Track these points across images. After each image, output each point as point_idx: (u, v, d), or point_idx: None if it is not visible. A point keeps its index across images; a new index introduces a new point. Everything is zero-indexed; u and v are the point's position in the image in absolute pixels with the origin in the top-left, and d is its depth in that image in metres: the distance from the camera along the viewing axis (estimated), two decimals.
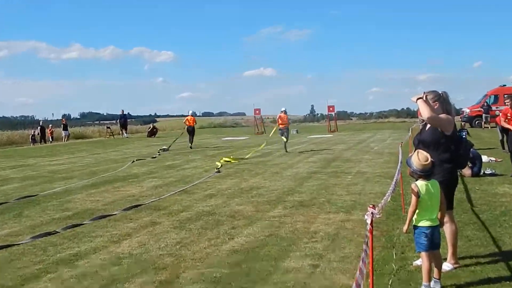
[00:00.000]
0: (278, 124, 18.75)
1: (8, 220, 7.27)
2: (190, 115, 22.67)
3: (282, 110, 18.83)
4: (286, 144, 18.23)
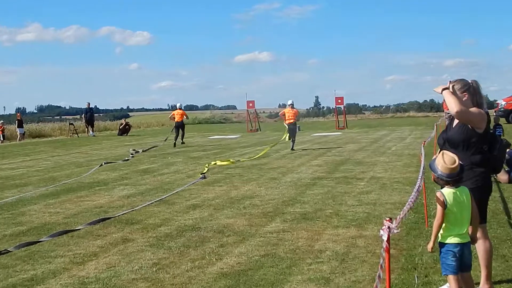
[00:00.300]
0: (284, 120, 19.52)
1: None
2: (178, 109, 24.19)
3: (289, 103, 19.67)
4: (292, 142, 19.12)
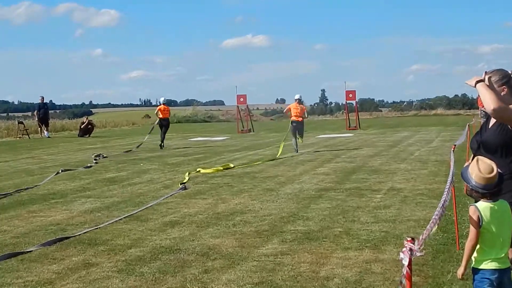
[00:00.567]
0: (289, 117, 20.37)
1: None
2: (162, 104, 24.67)
3: (296, 98, 20.44)
4: (298, 142, 19.86)
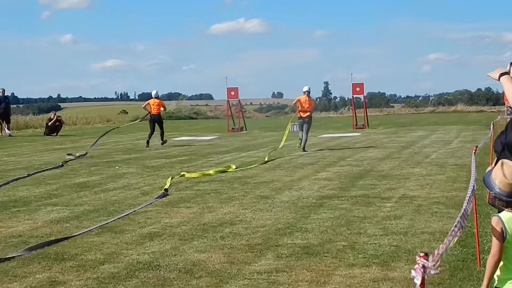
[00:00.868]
0: (297, 111, 20.83)
1: None
2: (153, 97, 24.65)
3: (305, 90, 20.89)
4: (303, 142, 20.45)
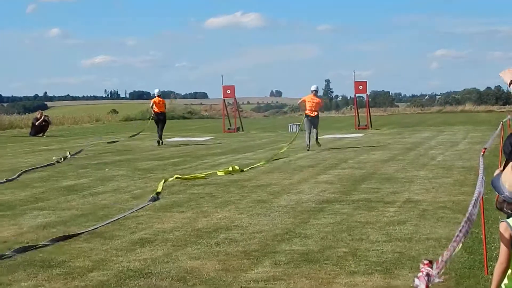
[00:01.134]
0: (304, 110, 21.35)
1: None
2: (157, 96, 24.61)
3: (312, 89, 21.42)
4: (311, 138, 20.86)
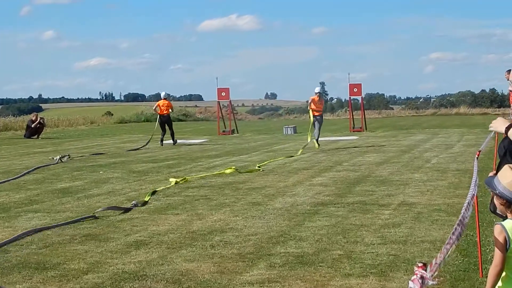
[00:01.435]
0: (311, 111, 22.46)
1: None
2: (162, 99, 25.65)
3: (317, 91, 22.72)
4: (316, 136, 22.00)
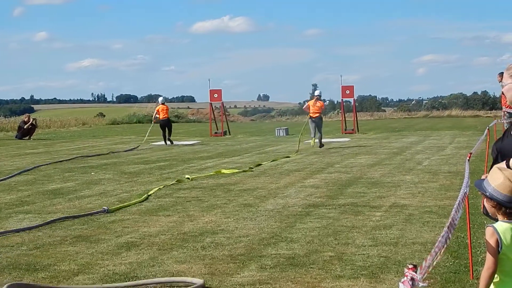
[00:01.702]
0: (308, 113, 22.68)
1: None
2: (161, 104, 26.85)
3: (316, 94, 23.06)
4: (317, 138, 22.18)
